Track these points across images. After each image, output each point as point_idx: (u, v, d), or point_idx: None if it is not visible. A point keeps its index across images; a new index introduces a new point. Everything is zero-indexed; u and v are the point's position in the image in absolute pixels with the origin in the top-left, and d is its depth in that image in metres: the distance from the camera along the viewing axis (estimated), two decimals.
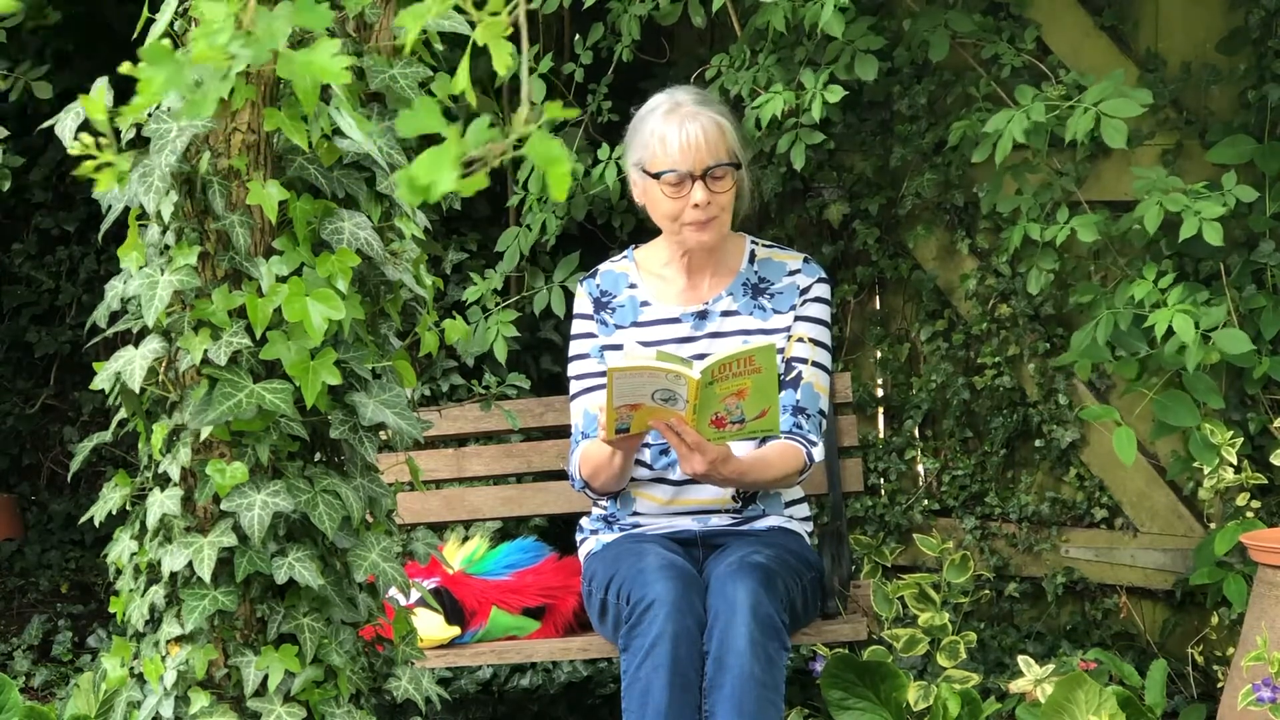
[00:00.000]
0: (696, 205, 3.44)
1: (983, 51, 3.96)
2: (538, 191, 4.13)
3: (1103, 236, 3.70)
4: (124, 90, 2.52)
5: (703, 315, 3.57)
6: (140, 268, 2.41)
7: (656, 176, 3.45)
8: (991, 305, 4.35)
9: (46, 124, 2.45)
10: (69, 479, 3.42)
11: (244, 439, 2.40)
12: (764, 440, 3.49)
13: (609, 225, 4.49)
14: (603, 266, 3.68)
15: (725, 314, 3.57)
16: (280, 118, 2.30)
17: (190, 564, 2.38)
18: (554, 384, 4.48)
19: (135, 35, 2.25)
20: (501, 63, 1.49)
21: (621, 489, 3.55)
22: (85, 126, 2.42)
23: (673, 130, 3.43)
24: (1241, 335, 3.57)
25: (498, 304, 4.21)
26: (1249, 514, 3.80)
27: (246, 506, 2.36)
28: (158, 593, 2.46)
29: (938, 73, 4.26)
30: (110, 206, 2.45)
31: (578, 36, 4.28)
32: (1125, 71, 3.75)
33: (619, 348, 3.56)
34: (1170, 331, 3.48)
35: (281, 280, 2.35)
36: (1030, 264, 3.85)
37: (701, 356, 3.43)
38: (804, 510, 3.66)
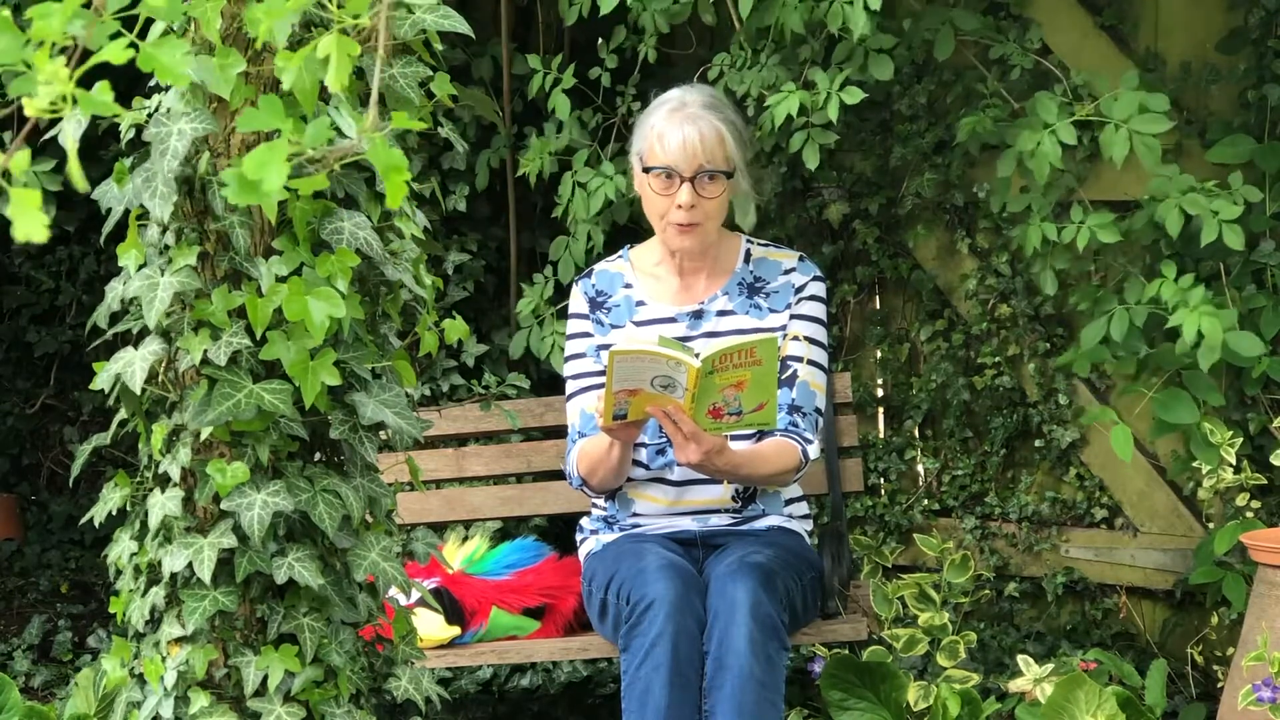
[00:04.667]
0: (680, 206, 3.44)
1: (990, 52, 3.96)
2: (582, 214, 4.17)
3: (1123, 237, 3.70)
4: (124, 95, 2.52)
5: (698, 315, 3.57)
6: (140, 267, 2.41)
7: (648, 171, 3.46)
8: (991, 305, 4.35)
9: (50, 133, 2.45)
10: (69, 480, 3.42)
11: (244, 439, 2.40)
12: (761, 435, 3.50)
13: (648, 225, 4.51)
14: (598, 266, 3.68)
15: (721, 313, 3.57)
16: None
17: (190, 564, 2.38)
18: (554, 384, 4.48)
19: (134, 34, 2.25)
20: (339, 80, 1.50)
21: (619, 486, 3.55)
22: (88, 132, 2.41)
23: (672, 129, 3.44)
24: (1253, 338, 3.58)
25: (548, 313, 4.27)
26: (1249, 514, 3.80)
27: (246, 506, 2.37)
28: (158, 593, 2.46)
29: (938, 72, 4.26)
30: (110, 208, 2.46)
31: (600, 40, 4.28)
32: (1133, 73, 3.76)
33: None
34: (1181, 330, 3.49)
35: (281, 280, 2.36)
36: (1044, 264, 3.84)
37: (697, 355, 3.44)
38: (803, 509, 3.66)
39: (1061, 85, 3.72)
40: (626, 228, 4.31)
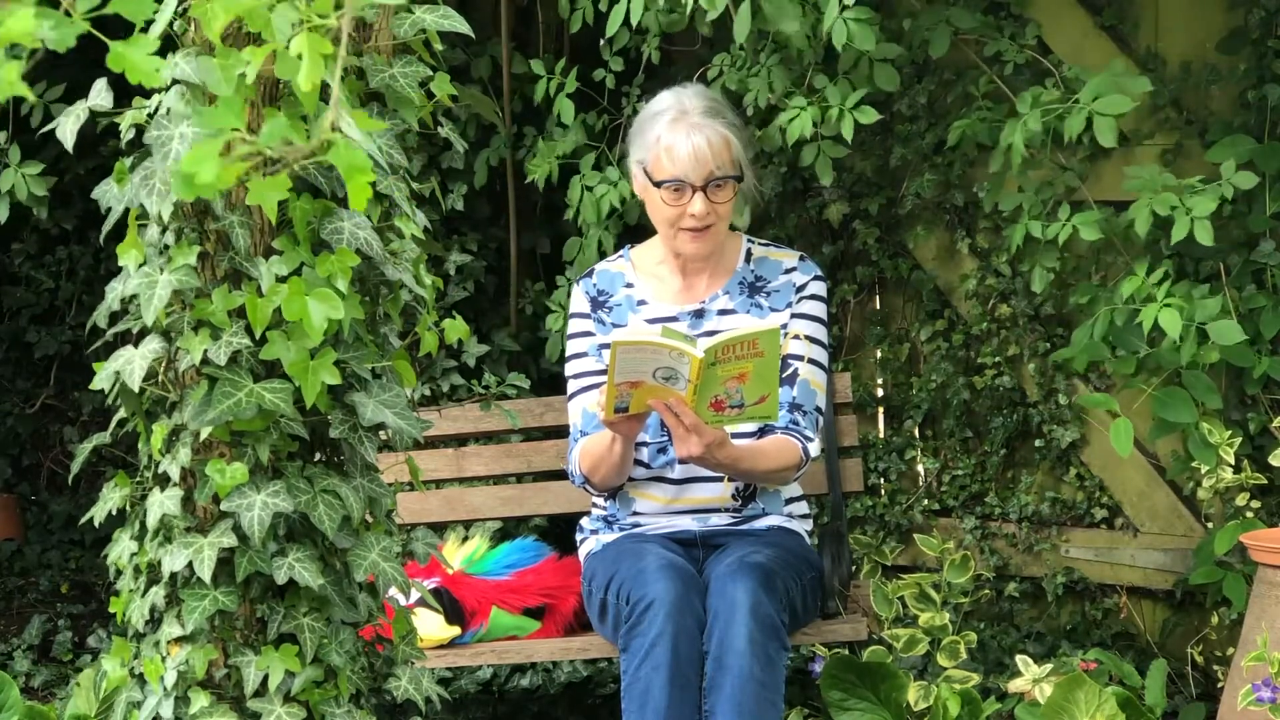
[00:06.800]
0: (694, 215, 3.44)
1: (985, 49, 3.96)
2: (593, 218, 4.17)
3: (1105, 234, 3.70)
4: (125, 91, 2.52)
5: (699, 314, 3.57)
6: (140, 267, 2.41)
7: (658, 185, 3.46)
8: (991, 305, 4.35)
9: (48, 127, 2.45)
10: (69, 480, 3.41)
11: (244, 439, 2.40)
12: (762, 433, 3.50)
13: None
14: (599, 266, 3.69)
15: (722, 313, 3.57)
16: (280, 117, 2.30)
17: (190, 564, 2.38)
18: (554, 384, 4.48)
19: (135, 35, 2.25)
20: (310, 79, 1.48)
21: (621, 484, 3.55)
22: (85, 129, 2.42)
23: (679, 140, 3.43)
24: (1234, 326, 3.57)
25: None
26: (1249, 514, 3.80)
27: (246, 507, 2.36)
28: (158, 593, 2.46)
29: (937, 72, 4.26)
30: (110, 207, 2.46)
31: (603, 43, 4.28)
32: (1120, 60, 3.76)
33: None
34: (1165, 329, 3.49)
35: (281, 280, 2.35)
36: (1033, 262, 3.85)
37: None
38: (803, 508, 3.66)
39: (1053, 79, 3.72)
40: (639, 226, 4.31)
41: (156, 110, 2.38)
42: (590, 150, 4.26)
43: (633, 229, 4.28)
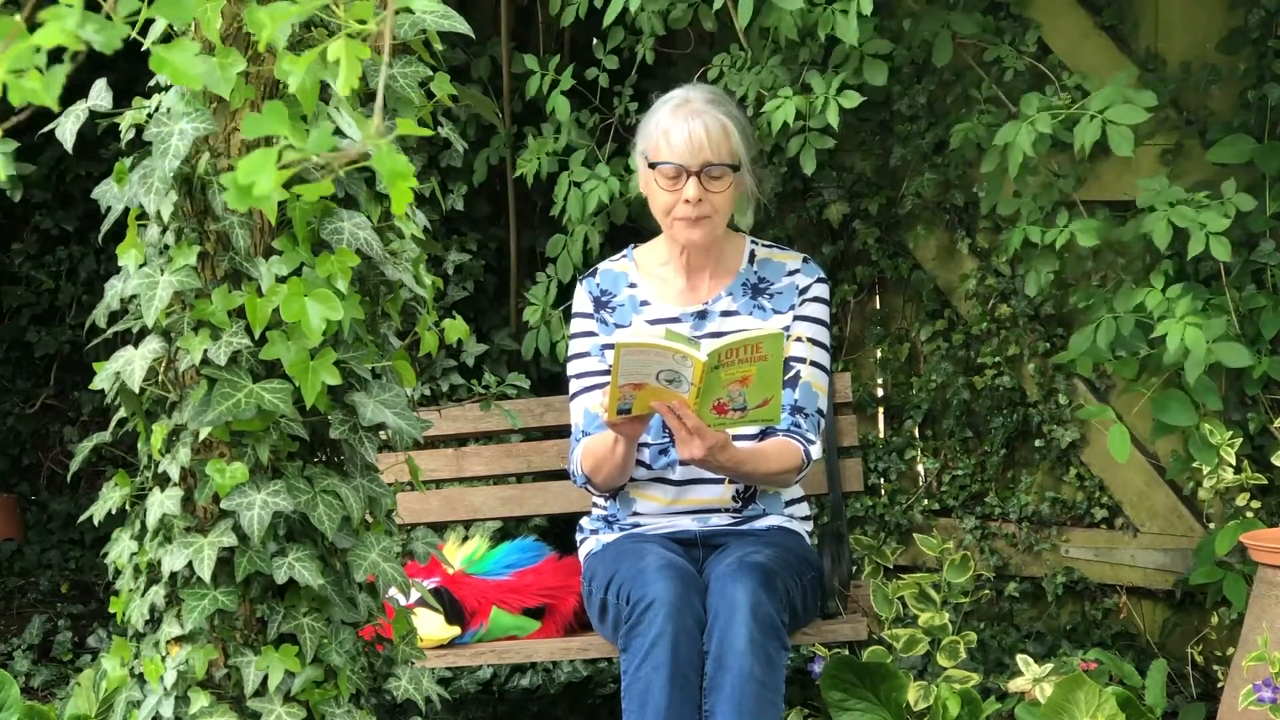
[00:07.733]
0: (688, 201, 3.45)
1: (985, 55, 3.96)
2: (577, 215, 4.16)
3: (1102, 240, 3.70)
4: (124, 90, 2.52)
5: (702, 315, 3.57)
6: (140, 267, 2.41)
7: (654, 166, 3.47)
8: (991, 305, 4.35)
9: (48, 128, 2.45)
10: (69, 479, 3.41)
11: (244, 439, 2.40)
12: (764, 435, 3.50)
13: (648, 225, 4.50)
14: (602, 266, 3.69)
15: (725, 314, 3.57)
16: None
17: (190, 564, 2.38)
18: (554, 384, 4.48)
19: (134, 34, 2.25)
20: (349, 84, 1.48)
21: (623, 485, 3.55)
22: (85, 130, 2.42)
23: (677, 124, 3.45)
24: (1240, 348, 3.58)
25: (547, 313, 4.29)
26: (1249, 514, 3.80)
27: (246, 506, 2.37)
28: (158, 593, 2.46)
29: (937, 72, 4.25)
30: (110, 207, 2.46)
31: (596, 41, 4.27)
32: (1126, 72, 3.76)
33: None
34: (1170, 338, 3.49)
35: (281, 280, 2.35)
36: (1028, 267, 3.85)
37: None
38: (804, 509, 3.66)
39: (1053, 86, 3.72)
40: (627, 227, 4.31)
41: (156, 110, 2.38)
42: (582, 147, 4.25)
43: (622, 227, 4.28)
